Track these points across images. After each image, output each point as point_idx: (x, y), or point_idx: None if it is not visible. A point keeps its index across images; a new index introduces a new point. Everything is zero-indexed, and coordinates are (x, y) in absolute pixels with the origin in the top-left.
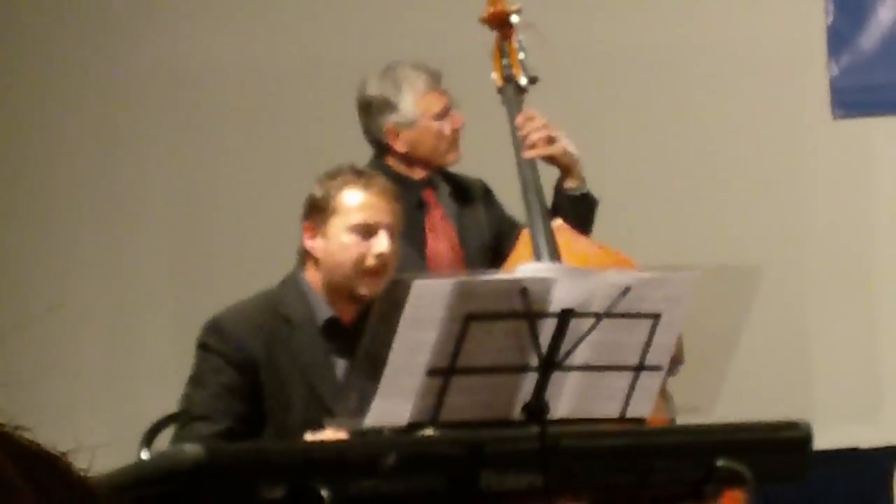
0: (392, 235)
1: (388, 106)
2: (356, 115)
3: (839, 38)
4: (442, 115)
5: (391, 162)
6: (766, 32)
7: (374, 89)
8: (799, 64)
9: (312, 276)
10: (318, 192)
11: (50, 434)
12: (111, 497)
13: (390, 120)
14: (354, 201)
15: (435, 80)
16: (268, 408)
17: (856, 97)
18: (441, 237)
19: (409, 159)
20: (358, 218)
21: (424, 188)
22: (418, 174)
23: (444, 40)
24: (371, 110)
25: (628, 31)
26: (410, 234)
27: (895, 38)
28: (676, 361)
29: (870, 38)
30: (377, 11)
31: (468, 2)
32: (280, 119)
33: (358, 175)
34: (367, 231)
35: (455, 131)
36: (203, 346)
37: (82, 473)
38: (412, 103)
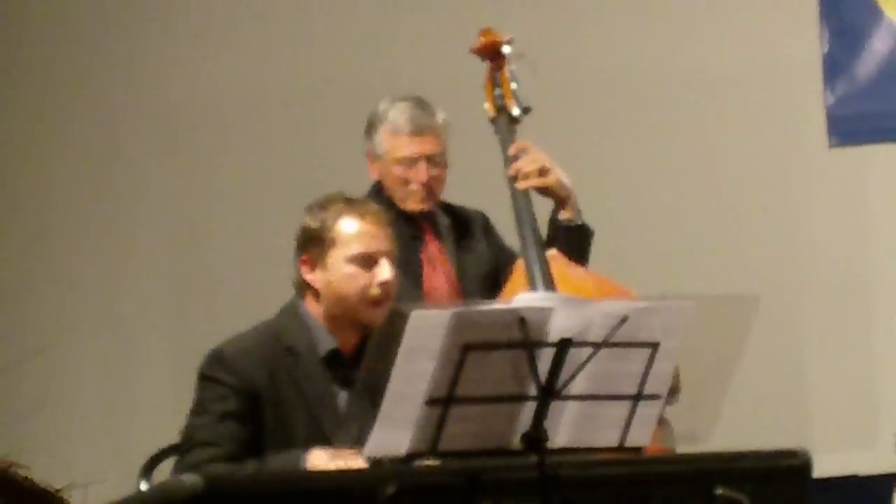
0: (392, 262)
1: (369, 130)
2: (353, 144)
3: (835, 66)
4: (407, 162)
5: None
6: (762, 61)
7: (375, 109)
8: (795, 92)
9: (312, 307)
10: (313, 224)
11: (48, 468)
12: None
13: (368, 144)
14: (351, 231)
15: (416, 126)
16: (269, 438)
17: (851, 125)
18: (438, 270)
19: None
20: (358, 248)
21: (421, 220)
22: (412, 206)
23: (437, 69)
24: (367, 128)
25: (623, 59)
26: (407, 266)
27: (891, 67)
28: (674, 391)
29: (865, 67)
30: (369, 43)
31: (460, 32)
32: (277, 142)
33: (350, 204)
34: (368, 261)
35: (423, 184)
36: (205, 377)
37: None
38: (381, 138)
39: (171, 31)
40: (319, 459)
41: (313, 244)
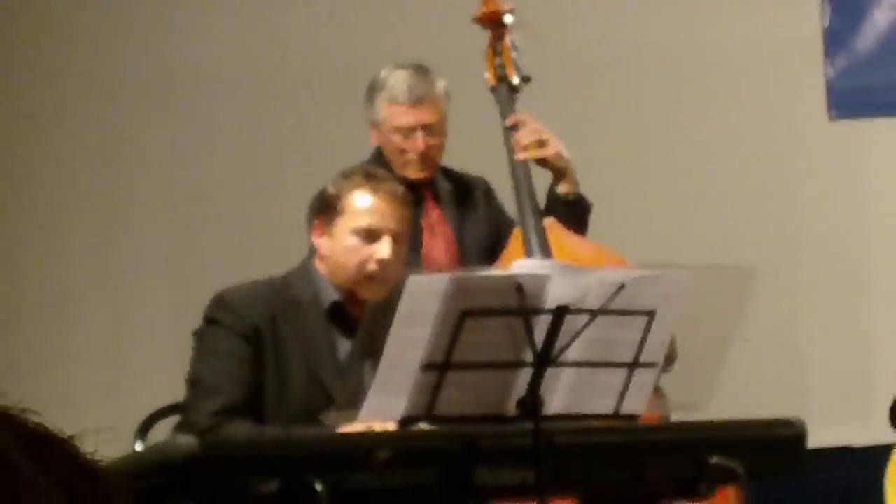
0: (396, 241)
1: (369, 97)
2: (353, 115)
3: (835, 39)
4: (405, 131)
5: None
6: (762, 34)
7: (376, 75)
8: (795, 65)
9: (322, 267)
10: (331, 189)
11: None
12: (119, 480)
13: (368, 111)
14: (361, 204)
15: (413, 95)
16: (266, 383)
17: (852, 98)
18: (437, 237)
19: None
20: (363, 222)
21: (422, 187)
22: (414, 174)
23: (438, 39)
24: (367, 94)
25: (624, 33)
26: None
27: (891, 40)
28: (670, 359)
29: (866, 40)
30: (370, 12)
31: (461, 1)
32: (276, 121)
33: (368, 178)
34: (370, 235)
35: (420, 153)
36: (210, 321)
37: (89, 456)
38: (380, 106)
39: (168, 11)
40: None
41: (326, 210)
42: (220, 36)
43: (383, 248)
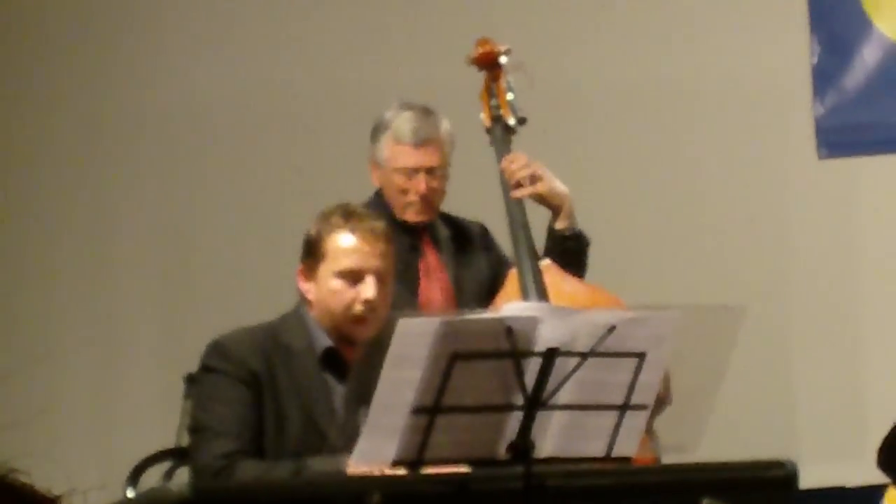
0: (381, 280)
1: (373, 136)
2: (346, 149)
3: (824, 77)
4: (407, 172)
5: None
6: (751, 71)
7: (382, 115)
8: (784, 103)
9: (314, 312)
10: (312, 232)
11: (44, 475)
12: None
13: (371, 150)
14: (341, 246)
15: (418, 137)
16: (265, 427)
17: (841, 137)
18: (433, 282)
19: None
20: (345, 264)
21: (421, 232)
22: (412, 217)
23: (433, 79)
24: (372, 133)
25: (616, 72)
26: (405, 276)
27: (880, 78)
28: (664, 402)
29: (855, 78)
30: (367, 47)
31: (457, 42)
32: (270, 160)
33: (347, 217)
34: (354, 277)
35: (422, 195)
36: (207, 369)
37: None
38: (383, 146)
39: (166, 32)
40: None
41: (310, 255)
42: (210, 63)
43: (368, 289)
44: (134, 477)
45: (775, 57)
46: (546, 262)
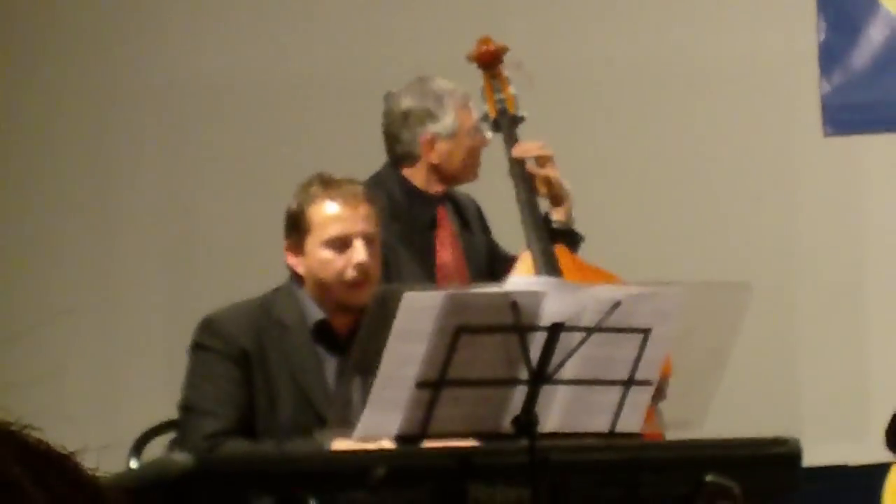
0: (369, 241)
1: (429, 116)
2: (350, 128)
3: (831, 56)
4: (474, 131)
5: (408, 174)
6: (758, 50)
7: (411, 101)
8: (791, 82)
9: (306, 286)
10: (293, 206)
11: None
12: (119, 497)
13: (429, 130)
14: (325, 214)
15: (466, 97)
16: (256, 404)
17: (847, 115)
18: (450, 254)
19: (438, 172)
20: (330, 232)
21: (439, 205)
22: (434, 189)
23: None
24: (408, 121)
25: (618, 50)
26: (421, 250)
27: (886, 57)
28: (660, 392)
29: (861, 57)
30: (367, 39)
31: (455, 38)
32: (273, 139)
33: (325, 185)
34: (341, 244)
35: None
36: (198, 346)
37: (91, 473)
38: (453, 116)
39: (164, 20)
40: (343, 447)
41: (293, 230)
42: (213, 49)
43: (358, 253)
44: (138, 447)
45: (781, 36)
46: (560, 247)
